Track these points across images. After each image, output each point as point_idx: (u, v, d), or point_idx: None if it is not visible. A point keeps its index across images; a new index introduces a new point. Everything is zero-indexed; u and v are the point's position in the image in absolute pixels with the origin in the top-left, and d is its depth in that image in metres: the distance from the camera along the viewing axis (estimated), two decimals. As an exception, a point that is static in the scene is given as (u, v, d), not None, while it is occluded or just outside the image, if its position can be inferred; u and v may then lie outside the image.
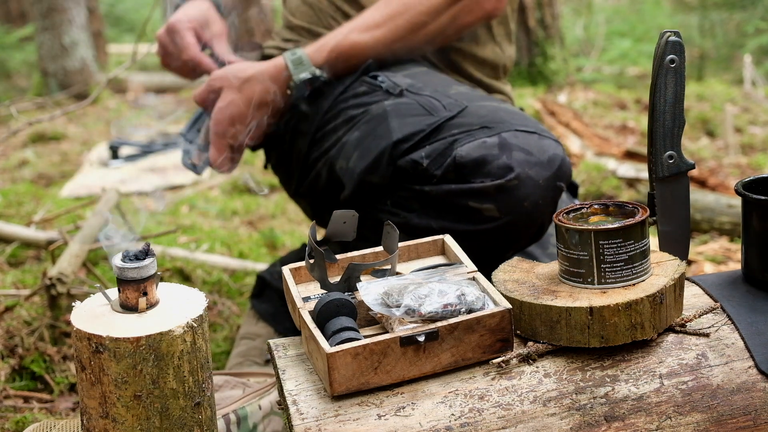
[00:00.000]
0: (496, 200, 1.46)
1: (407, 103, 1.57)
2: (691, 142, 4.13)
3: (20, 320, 2.10)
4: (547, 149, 1.49)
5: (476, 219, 1.49)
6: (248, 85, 1.64)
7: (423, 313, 1.08)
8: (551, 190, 1.48)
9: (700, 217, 2.81)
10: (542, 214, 1.50)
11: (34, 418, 1.75)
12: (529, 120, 1.56)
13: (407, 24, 1.67)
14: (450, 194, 1.49)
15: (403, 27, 1.67)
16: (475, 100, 1.59)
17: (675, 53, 1.23)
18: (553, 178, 1.48)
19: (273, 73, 1.65)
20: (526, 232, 1.51)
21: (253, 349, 1.91)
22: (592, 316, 1.09)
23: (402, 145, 1.53)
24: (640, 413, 1.09)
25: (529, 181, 1.45)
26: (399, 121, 1.56)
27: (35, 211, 3.32)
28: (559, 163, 1.49)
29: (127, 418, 1.01)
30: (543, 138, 1.50)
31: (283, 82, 1.65)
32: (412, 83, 1.63)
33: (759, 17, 6.40)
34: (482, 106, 1.56)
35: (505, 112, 1.55)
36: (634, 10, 8.41)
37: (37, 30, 6.88)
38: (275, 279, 1.97)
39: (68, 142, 4.90)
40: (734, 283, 1.27)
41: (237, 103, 1.64)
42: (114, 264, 1.04)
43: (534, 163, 1.46)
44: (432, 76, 1.69)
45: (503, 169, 1.45)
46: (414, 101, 1.57)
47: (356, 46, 1.66)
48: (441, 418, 1.05)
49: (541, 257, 1.75)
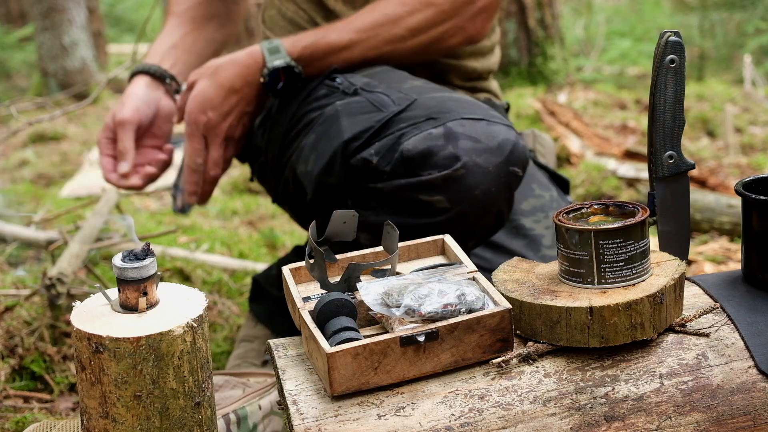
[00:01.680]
0: (445, 191, 1.44)
1: (358, 102, 1.56)
2: (691, 142, 4.13)
3: (20, 320, 2.10)
4: (497, 135, 1.45)
5: (429, 212, 1.46)
6: (220, 71, 1.63)
7: (423, 313, 1.08)
8: (504, 176, 1.45)
9: (700, 217, 2.81)
10: (496, 202, 1.46)
11: (34, 418, 1.75)
12: (479, 107, 1.52)
13: (387, 36, 1.65)
14: (400, 189, 1.47)
15: (383, 38, 1.65)
16: (426, 92, 1.56)
17: (675, 53, 1.23)
18: (505, 164, 1.44)
19: (246, 60, 1.64)
20: (481, 222, 1.48)
21: (251, 351, 1.91)
22: (592, 316, 1.09)
23: (353, 143, 1.51)
24: (640, 413, 1.09)
25: (478, 169, 1.42)
26: (349, 120, 1.55)
27: (35, 211, 3.32)
28: (510, 148, 1.45)
29: (127, 418, 1.01)
30: (492, 124, 1.47)
31: (256, 69, 1.63)
32: (368, 82, 1.61)
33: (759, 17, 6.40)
34: (432, 97, 1.54)
35: (454, 102, 1.52)
36: (634, 10, 8.41)
37: (37, 30, 6.88)
38: (269, 283, 1.95)
39: (68, 142, 4.90)
40: (734, 283, 1.27)
41: (207, 89, 1.62)
42: (114, 264, 1.04)
43: (482, 150, 1.43)
44: (390, 73, 1.66)
45: (449, 159, 1.42)
46: (365, 99, 1.56)
47: (332, 46, 1.64)
48: (441, 418, 1.05)
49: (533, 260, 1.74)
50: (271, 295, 1.93)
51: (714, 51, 6.99)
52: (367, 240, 1.57)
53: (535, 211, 1.73)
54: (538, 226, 1.71)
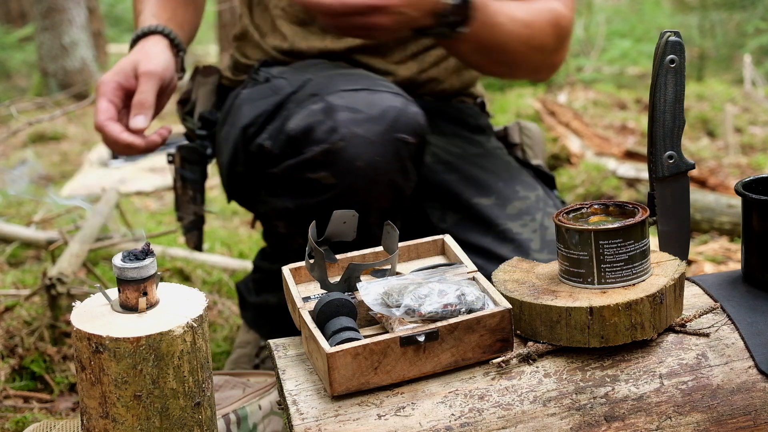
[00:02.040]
0: (328, 166, 1.40)
1: (261, 89, 1.54)
2: (691, 142, 4.13)
3: (20, 320, 2.10)
4: (379, 103, 1.40)
5: (319, 190, 1.43)
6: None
7: (423, 313, 1.08)
8: (390, 144, 1.40)
9: (700, 217, 2.81)
10: (386, 172, 1.41)
11: (34, 418, 1.75)
12: (365, 78, 1.48)
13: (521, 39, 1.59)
14: (290, 170, 1.44)
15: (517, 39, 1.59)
16: (325, 70, 1.53)
17: (675, 53, 1.23)
18: (389, 132, 1.40)
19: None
20: (373, 194, 1.43)
21: (243, 357, 1.91)
22: (592, 316, 1.09)
23: (250, 129, 1.49)
24: (640, 413, 1.09)
25: (358, 139, 1.38)
26: (249, 107, 1.53)
27: (35, 211, 3.32)
28: (395, 115, 1.40)
29: (127, 418, 1.01)
30: (374, 93, 1.42)
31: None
32: (284, 71, 1.59)
33: (759, 17, 6.40)
34: (325, 75, 1.50)
35: (342, 77, 1.48)
36: (634, 10, 8.41)
37: (37, 30, 6.88)
38: (246, 289, 1.93)
39: (68, 142, 4.90)
40: (734, 283, 1.27)
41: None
42: (114, 264, 1.04)
43: (363, 120, 1.39)
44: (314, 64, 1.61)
45: (328, 132, 1.39)
46: (267, 86, 1.53)
47: (494, 13, 1.54)
48: (441, 418, 1.05)
49: None
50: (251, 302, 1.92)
51: (714, 51, 6.99)
52: (284, 228, 1.56)
53: (522, 214, 1.69)
54: (526, 230, 1.67)
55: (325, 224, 1.20)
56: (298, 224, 1.51)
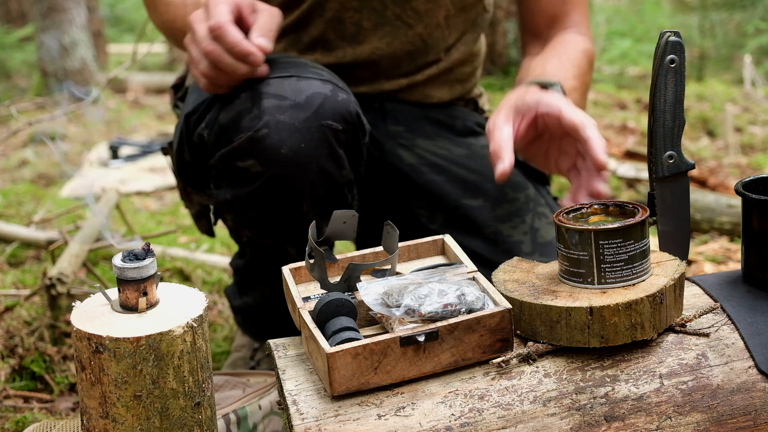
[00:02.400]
0: (254, 154, 1.39)
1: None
2: (691, 142, 4.13)
3: (20, 320, 2.10)
4: (305, 89, 1.38)
5: (249, 179, 1.42)
6: None
7: (423, 313, 1.08)
8: (316, 131, 1.38)
9: (700, 217, 2.81)
10: (314, 159, 1.39)
11: (34, 418, 1.75)
12: (296, 65, 1.46)
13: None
14: (222, 160, 1.44)
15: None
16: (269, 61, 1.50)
17: (675, 53, 1.23)
18: (314, 118, 1.37)
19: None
20: (303, 182, 1.41)
21: (239, 360, 1.91)
22: (592, 316, 1.09)
23: (192, 117, 1.49)
24: (640, 413, 1.09)
25: (281, 126, 1.37)
26: (194, 95, 1.52)
27: (35, 211, 3.32)
28: (321, 101, 1.38)
29: (127, 418, 1.01)
30: (302, 79, 1.40)
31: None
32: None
33: (759, 17, 6.39)
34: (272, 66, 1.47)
35: (276, 64, 1.46)
36: (634, 10, 8.40)
37: (37, 30, 6.88)
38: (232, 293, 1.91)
39: (68, 142, 4.90)
40: (734, 283, 1.27)
41: None
42: (114, 264, 1.04)
43: (287, 107, 1.37)
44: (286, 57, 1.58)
45: (254, 120, 1.38)
46: None
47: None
48: (441, 418, 1.05)
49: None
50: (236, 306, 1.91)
51: (714, 51, 6.99)
52: (231, 221, 1.55)
53: (511, 216, 1.67)
54: (516, 233, 1.65)
55: (262, 214, 1.18)
56: (240, 216, 1.50)
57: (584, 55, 1.65)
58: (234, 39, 1.35)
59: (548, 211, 1.68)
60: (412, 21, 1.66)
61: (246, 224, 1.51)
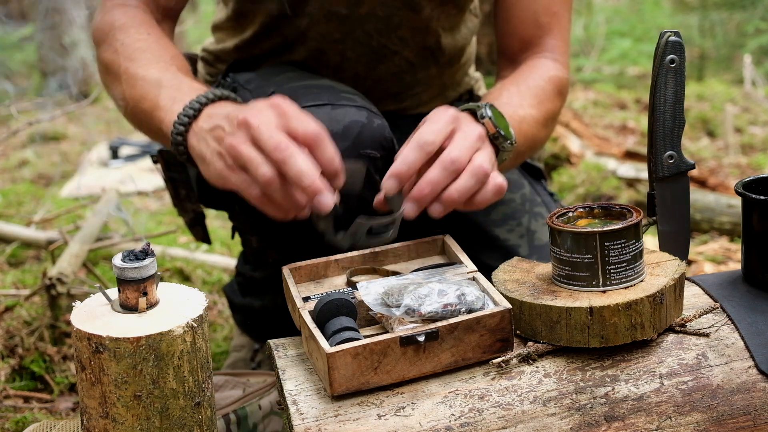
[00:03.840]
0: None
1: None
2: (691, 142, 4.13)
3: (20, 320, 2.10)
4: (341, 118, 1.34)
5: None
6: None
7: (423, 313, 1.08)
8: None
9: (700, 217, 2.81)
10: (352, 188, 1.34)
11: (34, 418, 1.75)
12: (328, 91, 1.42)
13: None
14: None
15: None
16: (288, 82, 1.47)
17: (675, 53, 1.23)
18: (353, 148, 1.33)
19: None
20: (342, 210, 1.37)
21: (239, 361, 1.91)
22: (592, 316, 1.09)
23: None
24: (640, 413, 1.09)
25: None
26: None
27: (35, 211, 3.32)
28: (358, 131, 1.34)
29: (127, 418, 1.01)
30: (337, 108, 1.36)
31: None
32: (250, 79, 1.54)
33: (759, 17, 6.39)
34: (288, 88, 1.44)
35: (304, 89, 1.43)
36: (634, 10, 8.40)
37: (37, 30, 6.88)
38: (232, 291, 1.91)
39: (68, 142, 4.90)
40: (734, 283, 1.27)
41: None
42: (114, 264, 1.04)
43: None
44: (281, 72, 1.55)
45: None
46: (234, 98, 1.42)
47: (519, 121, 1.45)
48: (441, 418, 1.05)
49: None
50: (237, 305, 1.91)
51: (714, 51, 6.99)
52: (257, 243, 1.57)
53: (507, 219, 1.63)
54: (512, 236, 1.62)
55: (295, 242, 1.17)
56: (269, 241, 1.49)
57: (549, 83, 1.58)
58: (326, 205, 1.15)
59: (545, 210, 1.66)
60: (398, 47, 1.61)
61: (275, 248, 1.49)
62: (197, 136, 1.25)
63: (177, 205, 1.77)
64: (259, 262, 1.71)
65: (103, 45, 1.49)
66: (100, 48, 1.48)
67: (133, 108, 1.42)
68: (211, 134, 1.22)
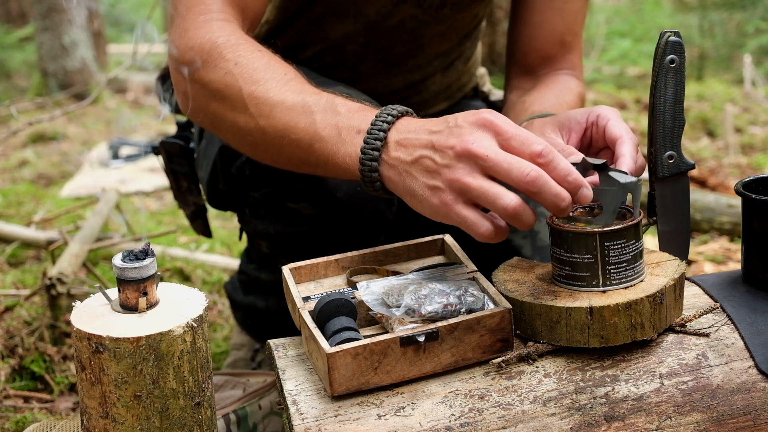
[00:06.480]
0: (307, 197, 1.37)
1: None
2: (691, 142, 4.13)
3: (20, 320, 2.10)
4: None
5: (299, 220, 1.40)
6: None
7: (423, 313, 1.08)
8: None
9: (700, 217, 2.81)
10: (368, 201, 1.35)
11: (34, 418, 1.75)
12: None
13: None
14: (269, 197, 1.42)
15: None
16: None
17: (675, 53, 1.23)
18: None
19: None
20: (354, 224, 1.38)
21: (240, 360, 1.90)
22: (592, 316, 1.09)
23: (228, 150, 1.45)
24: (640, 413, 1.09)
25: None
26: None
27: (35, 211, 3.32)
28: None
29: (127, 418, 1.01)
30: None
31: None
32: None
33: (759, 17, 6.40)
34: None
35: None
36: (634, 10, 8.41)
37: (37, 30, 6.88)
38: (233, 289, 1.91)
39: (68, 142, 4.90)
40: (734, 283, 1.27)
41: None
42: (114, 264, 1.04)
43: None
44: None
45: None
46: None
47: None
48: (441, 418, 1.05)
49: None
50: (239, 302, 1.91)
51: (714, 51, 6.99)
52: (267, 248, 1.55)
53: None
54: (516, 236, 1.62)
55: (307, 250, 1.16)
56: (280, 248, 1.49)
57: (578, 99, 1.61)
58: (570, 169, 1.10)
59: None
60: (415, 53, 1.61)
61: (285, 255, 1.47)
62: (395, 169, 1.13)
63: (178, 197, 1.77)
64: (267, 265, 1.71)
65: (207, 66, 1.30)
66: (202, 70, 1.30)
67: (274, 139, 1.24)
68: (416, 167, 1.11)
